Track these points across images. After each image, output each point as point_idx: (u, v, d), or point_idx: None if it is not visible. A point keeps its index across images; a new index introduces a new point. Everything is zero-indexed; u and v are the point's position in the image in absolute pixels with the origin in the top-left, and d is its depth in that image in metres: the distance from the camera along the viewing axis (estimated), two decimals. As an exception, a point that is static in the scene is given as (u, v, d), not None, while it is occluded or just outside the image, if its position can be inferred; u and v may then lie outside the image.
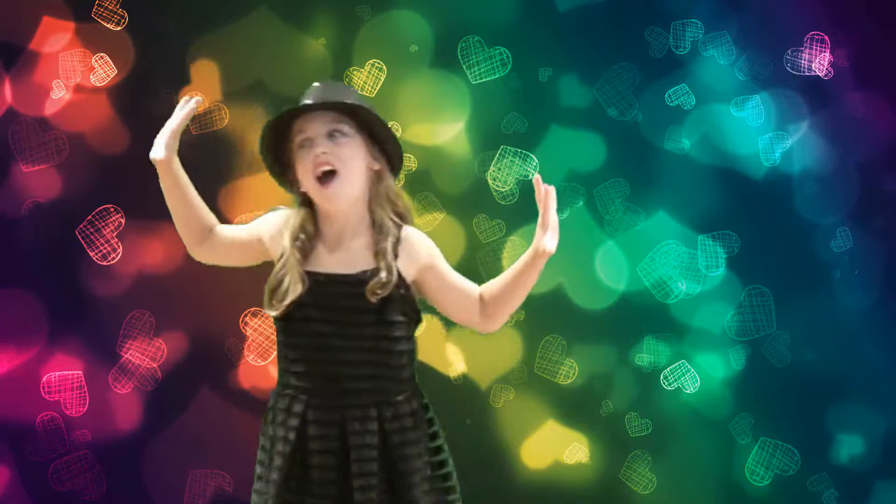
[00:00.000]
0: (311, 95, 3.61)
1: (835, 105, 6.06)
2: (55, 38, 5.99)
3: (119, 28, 6.00)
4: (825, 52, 6.03)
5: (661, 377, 6.02)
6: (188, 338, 6.01)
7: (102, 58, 6.00)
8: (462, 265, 5.97)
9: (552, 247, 3.53)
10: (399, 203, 3.66)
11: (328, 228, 3.63)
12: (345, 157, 3.57)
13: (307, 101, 3.59)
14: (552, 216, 3.54)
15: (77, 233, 5.97)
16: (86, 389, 6.00)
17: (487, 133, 6.03)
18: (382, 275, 3.53)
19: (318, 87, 3.64)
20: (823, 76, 6.04)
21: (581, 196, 5.98)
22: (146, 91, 5.94)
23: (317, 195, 3.60)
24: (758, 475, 6.01)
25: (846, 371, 5.98)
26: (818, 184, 6.03)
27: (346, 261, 3.59)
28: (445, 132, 6.04)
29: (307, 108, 3.58)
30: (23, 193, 6.00)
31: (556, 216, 3.55)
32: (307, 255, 3.60)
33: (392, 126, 4.04)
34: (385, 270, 3.54)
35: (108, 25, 6.00)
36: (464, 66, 6.01)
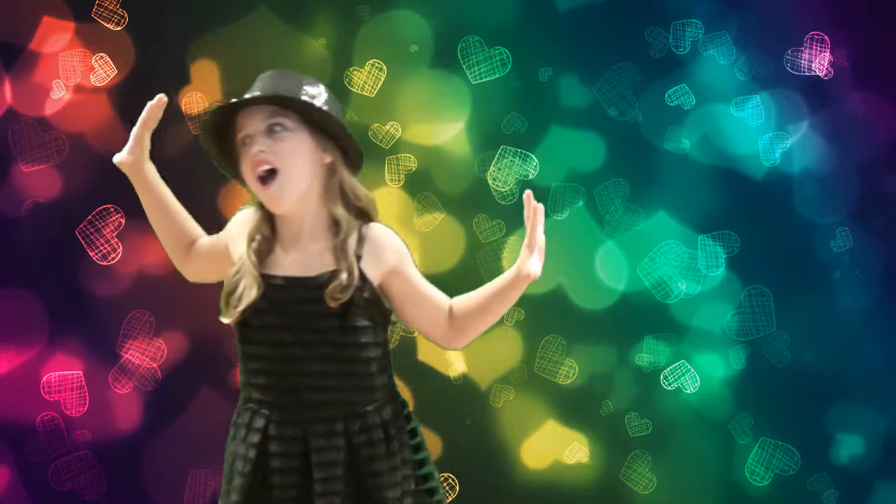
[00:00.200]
0: (253, 87, 3.38)
1: (835, 105, 6.06)
2: (55, 38, 5.99)
3: (119, 28, 6.00)
4: (825, 52, 6.03)
5: (661, 377, 6.02)
6: (188, 338, 6.01)
7: (102, 58, 6.00)
8: (462, 265, 5.98)
9: (537, 270, 3.30)
10: (360, 198, 3.39)
11: (285, 229, 3.38)
12: (284, 154, 3.31)
13: (246, 95, 3.36)
14: (539, 236, 3.30)
15: (77, 233, 5.96)
16: (86, 389, 6.00)
17: (487, 133, 6.03)
18: (343, 276, 3.27)
19: (262, 78, 3.42)
20: (823, 76, 6.04)
21: (581, 196, 5.98)
22: (146, 91, 5.91)
23: (260, 196, 3.35)
24: (758, 475, 6.01)
25: (846, 371, 5.98)
26: (818, 184, 6.03)
27: (305, 263, 3.33)
28: (445, 132, 6.04)
29: (235, 105, 3.34)
30: (23, 193, 6.00)
31: (544, 237, 3.31)
32: (264, 258, 3.34)
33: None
34: (345, 272, 3.28)
35: (108, 25, 6.00)
36: (464, 66, 6.01)
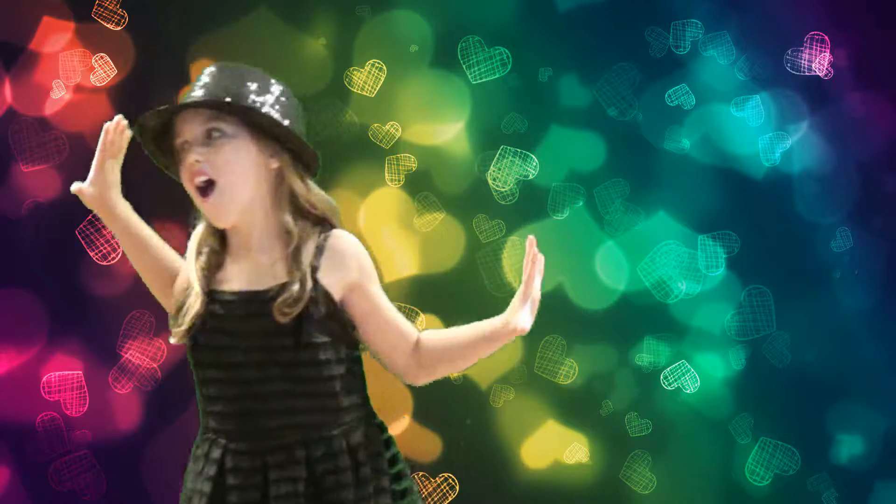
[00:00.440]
0: (195, 85, 3.14)
1: (835, 105, 6.06)
2: (55, 38, 5.99)
3: (119, 28, 6.00)
4: (825, 52, 6.03)
5: (661, 377, 6.02)
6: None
7: (102, 58, 6.00)
8: (462, 265, 5.98)
9: (526, 326, 3.02)
10: (314, 205, 3.09)
11: (234, 241, 3.09)
12: (222, 164, 3.02)
13: (191, 94, 3.11)
14: (535, 289, 3.03)
15: (77, 233, 5.96)
16: (86, 389, 5.99)
17: (487, 133, 6.02)
18: (294, 289, 2.96)
19: (204, 74, 3.17)
20: (823, 76, 6.04)
21: (581, 196, 5.98)
22: (146, 91, 5.94)
23: (201, 208, 3.07)
24: (758, 475, 6.00)
25: (846, 371, 5.98)
26: (818, 184, 6.03)
27: (256, 277, 3.03)
28: (445, 132, 6.04)
29: (167, 111, 3.11)
30: (23, 193, 5.99)
31: (539, 290, 3.04)
32: (214, 273, 3.06)
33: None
34: (297, 284, 2.97)
35: (108, 25, 6.00)
36: (464, 66, 6.01)
